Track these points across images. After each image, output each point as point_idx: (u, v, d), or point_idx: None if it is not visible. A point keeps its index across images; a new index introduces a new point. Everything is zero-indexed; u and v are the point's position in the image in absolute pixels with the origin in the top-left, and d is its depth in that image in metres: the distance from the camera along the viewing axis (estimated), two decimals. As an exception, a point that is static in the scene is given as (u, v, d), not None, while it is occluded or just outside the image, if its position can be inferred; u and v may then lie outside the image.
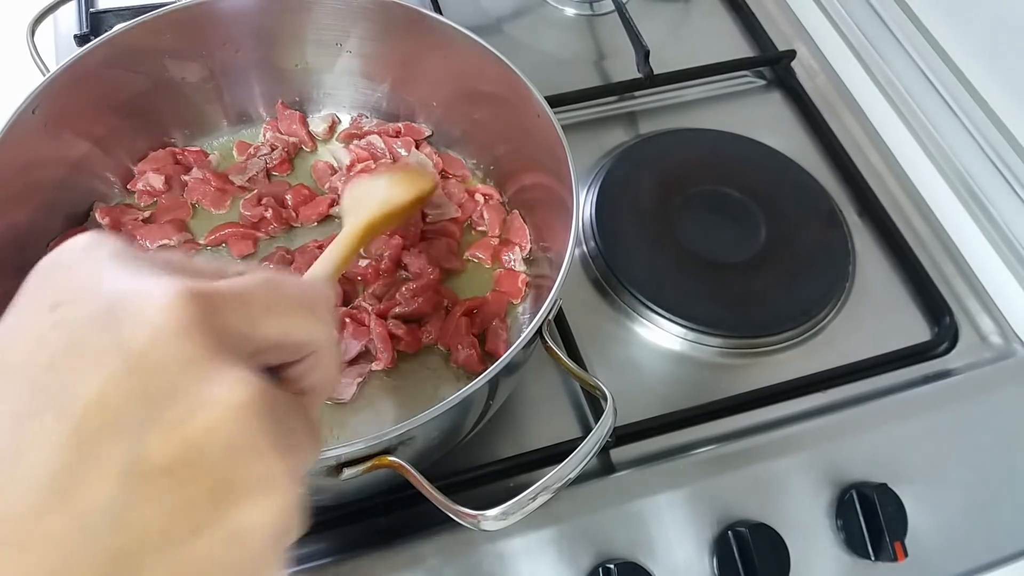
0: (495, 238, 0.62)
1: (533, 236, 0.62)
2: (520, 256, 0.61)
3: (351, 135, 0.67)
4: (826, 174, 0.74)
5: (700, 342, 0.62)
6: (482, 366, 0.55)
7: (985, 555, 0.56)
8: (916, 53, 0.80)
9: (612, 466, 0.56)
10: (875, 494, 0.53)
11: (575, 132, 0.74)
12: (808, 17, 0.87)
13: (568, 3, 0.86)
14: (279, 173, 0.66)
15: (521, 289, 0.60)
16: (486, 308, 0.58)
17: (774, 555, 0.51)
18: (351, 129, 0.67)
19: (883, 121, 0.79)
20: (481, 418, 0.50)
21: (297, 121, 0.67)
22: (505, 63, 0.57)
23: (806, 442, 0.57)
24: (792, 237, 0.68)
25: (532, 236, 0.62)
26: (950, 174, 0.75)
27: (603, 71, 0.81)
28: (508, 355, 0.43)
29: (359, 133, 0.67)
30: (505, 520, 0.39)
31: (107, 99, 0.59)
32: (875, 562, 0.53)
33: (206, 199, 0.63)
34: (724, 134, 0.75)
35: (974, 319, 0.67)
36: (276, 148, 0.65)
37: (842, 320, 0.65)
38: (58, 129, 0.55)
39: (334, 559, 0.49)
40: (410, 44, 0.63)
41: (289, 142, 0.66)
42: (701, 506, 0.53)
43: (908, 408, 0.60)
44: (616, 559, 0.50)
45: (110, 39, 0.56)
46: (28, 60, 0.59)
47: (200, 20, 0.60)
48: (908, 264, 0.68)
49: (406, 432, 0.40)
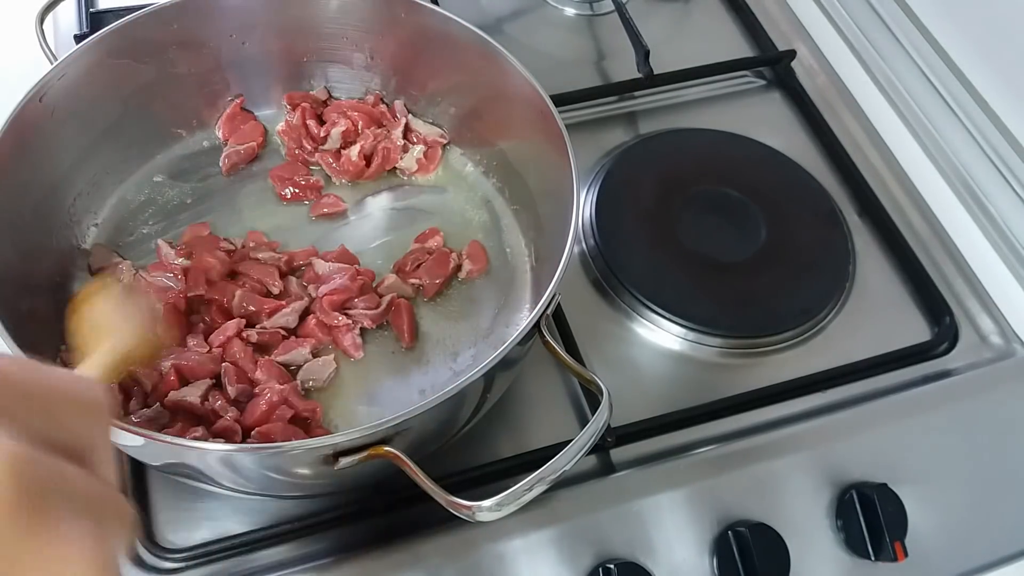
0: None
1: (534, 232, 0.62)
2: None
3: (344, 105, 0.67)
4: (826, 174, 0.74)
5: (700, 342, 0.62)
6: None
7: (985, 555, 0.56)
8: (916, 53, 0.80)
9: (612, 466, 0.56)
10: (875, 494, 0.53)
11: (575, 132, 0.72)
12: (808, 17, 0.87)
13: (568, 3, 0.86)
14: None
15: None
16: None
17: (774, 555, 0.51)
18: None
19: (883, 121, 0.79)
20: (477, 411, 0.50)
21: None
22: (509, 58, 0.57)
23: (806, 442, 0.57)
24: (792, 237, 0.68)
25: (533, 233, 0.62)
26: (950, 174, 0.75)
27: (603, 71, 0.81)
28: (505, 348, 0.43)
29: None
30: (500, 511, 0.40)
31: (114, 89, 0.59)
32: (875, 562, 0.53)
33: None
34: (724, 134, 0.75)
35: (974, 319, 0.67)
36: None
37: (842, 320, 0.65)
38: (65, 118, 0.56)
39: (334, 559, 0.49)
40: (415, 39, 0.63)
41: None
42: (701, 506, 0.53)
43: (908, 408, 0.60)
44: (616, 559, 0.50)
45: (119, 29, 0.56)
46: (34, 53, 0.59)
47: (207, 11, 0.61)
48: (908, 264, 0.68)
49: (402, 422, 0.40)
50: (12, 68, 0.62)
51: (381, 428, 0.40)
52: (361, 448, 0.41)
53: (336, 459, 0.41)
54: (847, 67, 0.83)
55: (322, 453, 0.40)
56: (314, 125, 0.66)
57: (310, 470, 0.42)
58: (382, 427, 0.40)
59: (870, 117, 0.79)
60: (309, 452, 0.40)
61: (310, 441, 0.40)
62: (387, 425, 0.40)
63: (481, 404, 0.49)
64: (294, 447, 0.41)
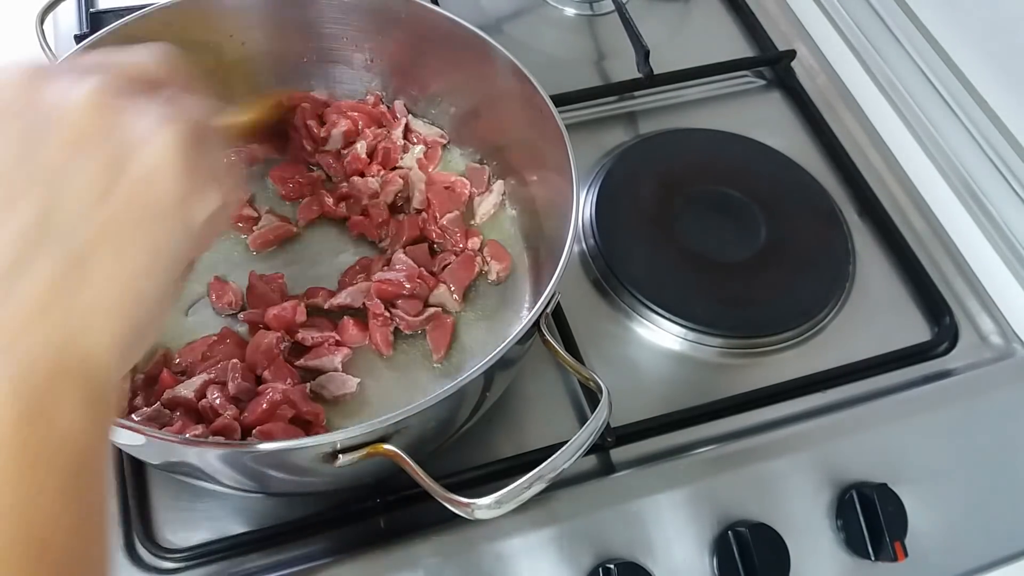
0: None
1: (534, 232, 0.62)
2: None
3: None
4: (826, 174, 0.74)
5: (700, 342, 0.62)
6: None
7: (985, 555, 0.56)
8: (916, 53, 0.80)
9: (612, 466, 0.56)
10: (875, 494, 0.53)
11: (575, 132, 0.73)
12: (808, 17, 0.87)
13: (568, 3, 0.86)
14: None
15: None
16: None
17: (774, 555, 0.51)
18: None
19: (883, 121, 0.79)
20: (476, 410, 0.50)
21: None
22: (508, 57, 0.57)
23: (806, 442, 0.57)
24: (792, 237, 0.68)
25: (533, 233, 0.62)
26: (950, 174, 0.75)
27: (603, 71, 0.81)
28: (505, 347, 0.44)
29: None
30: (499, 508, 0.40)
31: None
32: (875, 562, 0.53)
33: None
34: (724, 134, 0.75)
35: (974, 319, 0.67)
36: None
37: (842, 320, 0.65)
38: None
39: (333, 559, 0.49)
40: (415, 39, 0.63)
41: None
42: (701, 506, 0.53)
43: (908, 408, 0.60)
44: (616, 559, 0.50)
45: (118, 29, 0.56)
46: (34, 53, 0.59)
47: (208, 11, 0.61)
48: (908, 264, 0.68)
49: (401, 421, 0.40)
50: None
51: (381, 426, 0.40)
52: (361, 446, 0.41)
53: (336, 457, 0.41)
54: (847, 67, 0.83)
55: (322, 451, 0.40)
56: (315, 125, 0.66)
57: (310, 468, 0.42)
58: (382, 425, 0.40)
59: (870, 117, 0.79)
60: (309, 450, 0.40)
61: (310, 439, 0.40)
62: (387, 423, 0.40)
63: (481, 403, 0.49)
64: (294, 445, 0.41)
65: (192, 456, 0.42)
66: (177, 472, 0.48)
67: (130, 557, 0.50)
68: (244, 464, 0.43)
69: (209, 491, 0.50)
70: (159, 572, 0.49)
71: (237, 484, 0.47)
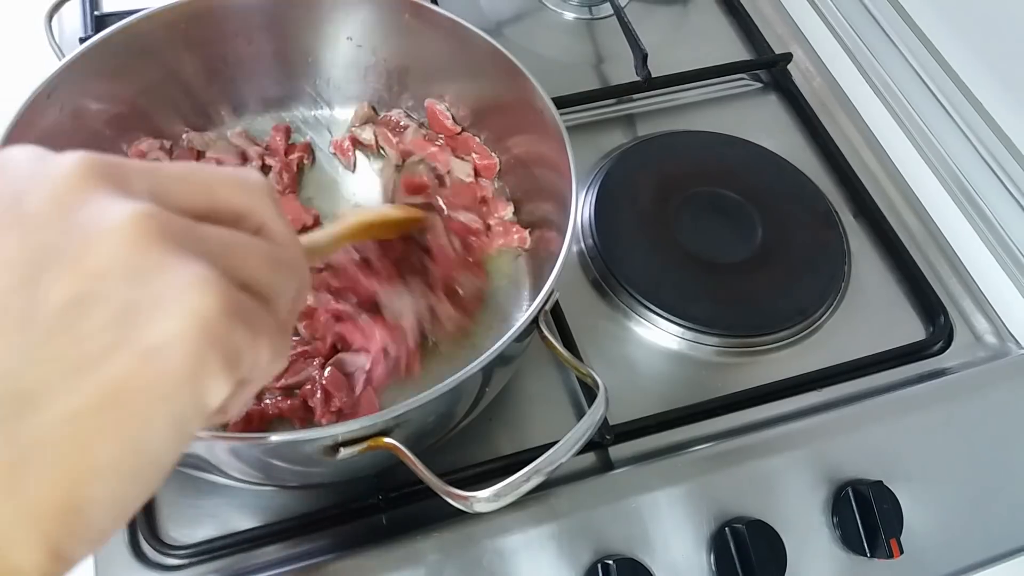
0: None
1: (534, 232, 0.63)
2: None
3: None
4: (822, 176, 0.75)
5: (697, 341, 0.63)
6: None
7: (980, 552, 0.57)
8: (912, 56, 0.80)
9: (610, 463, 0.57)
10: (871, 491, 0.53)
11: (574, 134, 0.72)
12: (804, 20, 0.88)
13: (567, 7, 0.87)
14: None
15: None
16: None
17: (771, 551, 0.51)
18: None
19: (879, 123, 0.80)
20: (476, 405, 0.51)
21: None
22: (508, 57, 0.58)
23: (802, 440, 0.57)
24: (788, 238, 0.69)
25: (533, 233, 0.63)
26: (945, 175, 0.76)
27: (602, 74, 0.81)
28: (504, 343, 0.44)
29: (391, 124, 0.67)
30: (498, 501, 0.40)
31: (120, 86, 0.60)
32: (871, 559, 0.53)
33: None
34: (721, 136, 0.76)
35: (969, 318, 0.68)
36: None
37: (838, 319, 0.66)
38: (71, 114, 0.56)
39: (334, 556, 0.50)
40: (418, 41, 0.64)
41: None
42: (698, 503, 0.54)
43: (903, 406, 0.60)
44: (614, 555, 0.50)
45: (126, 27, 0.57)
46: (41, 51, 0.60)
47: (214, 11, 0.61)
48: (903, 264, 0.69)
49: (401, 415, 0.41)
50: (20, 67, 0.63)
51: (381, 420, 0.41)
52: (361, 439, 0.41)
53: (337, 449, 0.41)
54: (843, 70, 0.84)
55: (323, 444, 0.41)
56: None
57: (312, 460, 0.43)
58: (381, 419, 0.41)
59: (866, 119, 0.80)
60: (310, 443, 0.41)
61: (312, 432, 0.41)
62: (386, 417, 0.41)
63: (480, 398, 0.50)
64: (296, 438, 0.41)
65: (200, 448, 0.43)
66: (182, 464, 0.49)
67: (135, 554, 0.50)
68: (249, 456, 0.44)
69: (213, 487, 0.51)
70: (164, 569, 0.50)
71: (241, 475, 0.47)
